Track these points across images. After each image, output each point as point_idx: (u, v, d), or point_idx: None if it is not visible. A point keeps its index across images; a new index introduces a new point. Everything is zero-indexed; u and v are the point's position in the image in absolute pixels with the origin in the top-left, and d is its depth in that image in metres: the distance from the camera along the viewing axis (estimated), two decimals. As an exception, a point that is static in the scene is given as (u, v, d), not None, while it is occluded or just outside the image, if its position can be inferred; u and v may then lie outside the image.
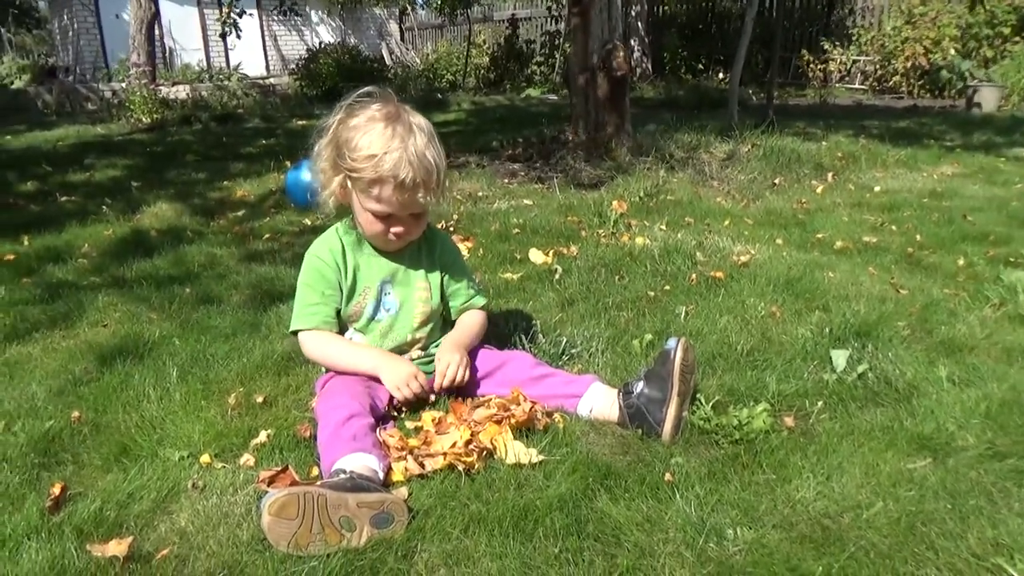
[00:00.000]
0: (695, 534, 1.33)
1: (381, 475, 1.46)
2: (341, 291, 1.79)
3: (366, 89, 1.70)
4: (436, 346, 1.88)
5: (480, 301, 1.94)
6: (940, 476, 1.50)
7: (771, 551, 1.29)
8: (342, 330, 1.84)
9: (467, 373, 1.77)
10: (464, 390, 1.80)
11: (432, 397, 1.78)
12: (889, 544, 1.31)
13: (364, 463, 1.44)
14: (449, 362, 1.75)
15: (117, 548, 1.29)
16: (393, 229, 1.70)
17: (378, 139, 1.61)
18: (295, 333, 1.81)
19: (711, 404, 1.72)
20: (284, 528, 1.28)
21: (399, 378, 1.70)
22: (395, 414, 1.76)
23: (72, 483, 1.52)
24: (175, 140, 7.28)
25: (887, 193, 4.30)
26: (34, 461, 1.60)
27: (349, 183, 1.68)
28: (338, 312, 1.81)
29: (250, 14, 10.84)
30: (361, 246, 1.81)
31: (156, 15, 10.90)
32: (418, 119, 1.68)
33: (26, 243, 3.46)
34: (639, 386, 1.67)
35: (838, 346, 2.07)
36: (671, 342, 1.69)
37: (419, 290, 1.84)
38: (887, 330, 2.21)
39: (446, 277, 1.89)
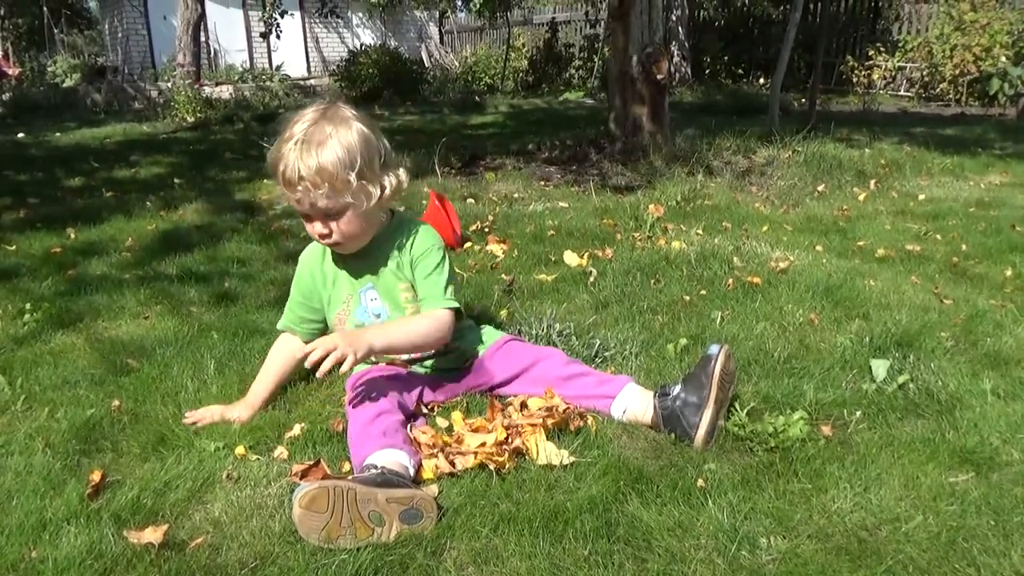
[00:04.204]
0: (727, 541, 1.31)
1: (412, 472, 1.46)
2: (319, 299, 1.81)
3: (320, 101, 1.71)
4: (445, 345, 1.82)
5: (441, 303, 1.71)
6: (983, 491, 1.46)
7: (805, 561, 1.27)
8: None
9: (331, 367, 1.52)
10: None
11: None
12: (928, 559, 1.28)
13: (395, 459, 1.45)
14: (315, 347, 1.54)
15: (153, 535, 1.31)
16: (315, 231, 1.65)
17: (281, 139, 1.60)
18: None
19: (746, 411, 1.69)
20: (314, 521, 1.29)
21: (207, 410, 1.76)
22: (426, 411, 1.76)
23: (111, 470, 1.55)
24: (217, 139, 7.41)
25: (932, 201, 4.20)
26: (75, 448, 1.64)
27: None
28: (323, 319, 1.84)
29: (291, 15, 10.98)
30: (338, 254, 1.78)
31: (202, 17, 11.13)
32: (336, 116, 1.59)
33: (72, 236, 3.55)
34: (676, 389, 1.65)
35: (878, 355, 2.03)
36: (713, 348, 1.67)
37: (402, 291, 1.76)
38: (930, 340, 2.15)
39: (414, 272, 1.75)
